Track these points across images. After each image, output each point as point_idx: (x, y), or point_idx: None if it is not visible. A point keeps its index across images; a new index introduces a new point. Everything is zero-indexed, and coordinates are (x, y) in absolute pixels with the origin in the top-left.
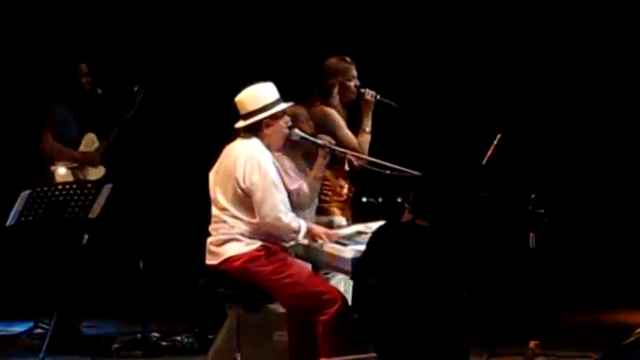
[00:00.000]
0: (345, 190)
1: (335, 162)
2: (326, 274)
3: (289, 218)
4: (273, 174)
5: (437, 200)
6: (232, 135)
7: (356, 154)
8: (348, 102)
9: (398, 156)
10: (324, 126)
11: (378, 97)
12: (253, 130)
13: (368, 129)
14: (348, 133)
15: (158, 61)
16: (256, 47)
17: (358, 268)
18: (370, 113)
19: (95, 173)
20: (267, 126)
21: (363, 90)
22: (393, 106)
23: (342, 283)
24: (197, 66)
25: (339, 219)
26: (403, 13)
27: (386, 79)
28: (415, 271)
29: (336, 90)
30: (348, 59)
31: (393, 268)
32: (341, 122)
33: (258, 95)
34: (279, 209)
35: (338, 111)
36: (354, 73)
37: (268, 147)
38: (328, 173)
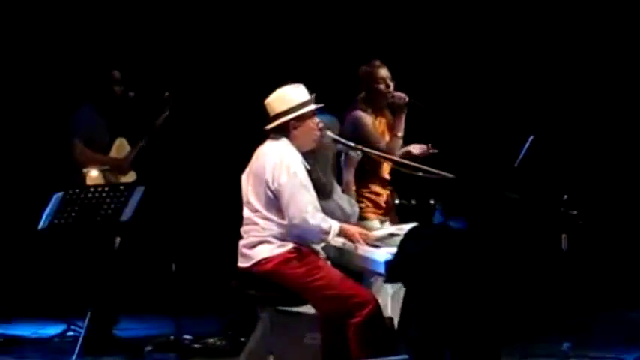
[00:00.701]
0: (384, 198)
1: (364, 169)
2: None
3: (318, 219)
4: (301, 175)
5: (470, 202)
6: (264, 137)
7: (388, 157)
8: (385, 105)
9: (430, 158)
10: (354, 131)
11: (407, 99)
12: (282, 132)
13: (400, 134)
14: (376, 138)
15: (189, 65)
16: (289, 50)
17: (390, 270)
18: (402, 116)
19: (126, 178)
20: (295, 127)
21: (392, 94)
22: (422, 107)
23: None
24: (228, 69)
25: (375, 224)
26: (436, 14)
27: (418, 81)
28: (447, 273)
29: (366, 94)
30: (376, 62)
31: (424, 270)
32: (369, 126)
33: (286, 97)
34: (305, 211)
35: (376, 114)
36: (382, 74)
37: (298, 148)
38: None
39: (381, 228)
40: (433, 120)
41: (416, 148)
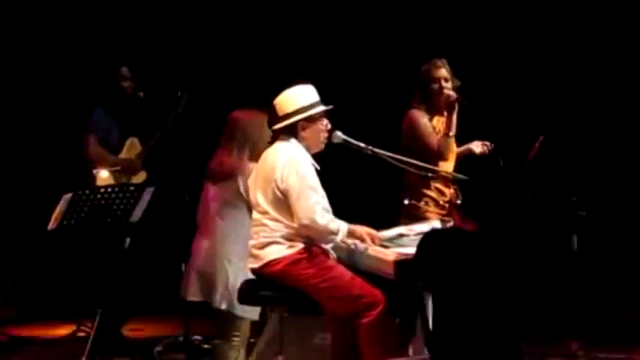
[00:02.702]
0: (447, 197)
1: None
2: None
3: (326, 220)
4: (310, 176)
5: (484, 203)
6: (273, 138)
7: (397, 156)
8: (439, 104)
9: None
10: (408, 129)
11: (453, 97)
12: (291, 133)
13: (451, 132)
14: (427, 135)
15: (201, 64)
16: (299, 49)
17: (406, 272)
18: (452, 115)
19: (137, 177)
20: (304, 128)
21: (442, 92)
22: (466, 104)
23: None
24: (239, 69)
25: (436, 224)
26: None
27: None
28: (465, 275)
29: (420, 93)
30: (435, 61)
31: (442, 273)
32: (419, 123)
33: (295, 97)
34: (314, 211)
35: (432, 114)
36: (438, 74)
37: (307, 149)
38: (419, 178)
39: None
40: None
41: (478, 146)
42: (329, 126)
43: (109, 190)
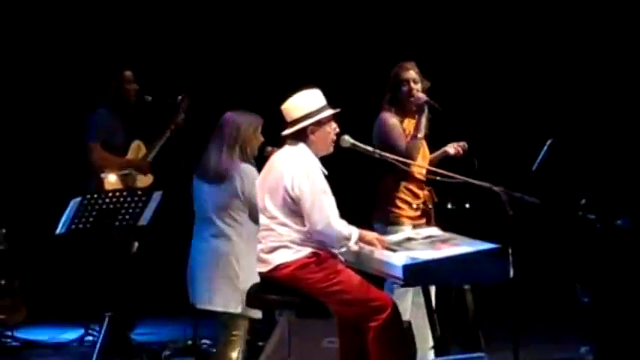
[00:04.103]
0: (421, 199)
1: (396, 171)
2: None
3: (340, 225)
4: (321, 181)
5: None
6: (280, 142)
7: (407, 161)
8: (410, 107)
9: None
10: (378, 132)
11: (424, 100)
12: (300, 137)
13: (419, 134)
14: (395, 137)
15: (205, 67)
16: (304, 54)
17: (411, 275)
18: (422, 117)
19: (144, 181)
20: (313, 132)
21: (412, 94)
22: (439, 110)
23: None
24: (244, 72)
25: (408, 230)
26: (456, 17)
27: (442, 82)
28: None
29: (391, 96)
30: (404, 64)
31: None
32: (389, 126)
33: (303, 102)
34: (329, 216)
35: (402, 116)
36: (407, 76)
37: (315, 153)
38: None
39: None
40: (452, 123)
41: (451, 148)
42: (337, 129)
43: (117, 194)
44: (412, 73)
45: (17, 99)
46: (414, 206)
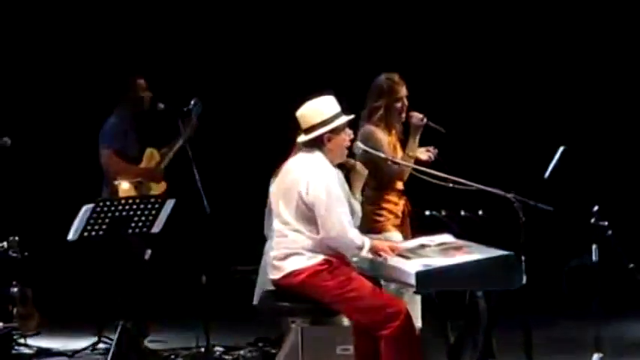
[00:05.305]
0: (400, 207)
1: (380, 182)
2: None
3: (353, 234)
4: (336, 188)
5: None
6: (293, 149)
7: (419, 167)
8: (398, 122)
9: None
10: (365, 144)
11: (425, 120)
12: (315, 144)
13: (411, 153)
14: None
15: (218, 74)
16: (317, 60)
17: (424, 282)
18: (416, 137)
19: (157, 188)
20: (329, 140)
21: (410, 113)
22: (440, 131)
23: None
24: (257, 78)
25: (395, 235)
26: (461, 30)
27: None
28: None
29: (381, 112)
30: (395, 78)
31: None
32: (380, 141)
33: (319, 109)
34: (343, 224)
35: (388, 129)
36: (402, 93)
37: (331, 160)
38: (376, 192)
39: (402, 240)
40: (450, 143)
41: (422, 153)
42: (352, 135)
43: (130, 201)
44: (405, 90)
45: (31, 107)
46: (398, 214)
